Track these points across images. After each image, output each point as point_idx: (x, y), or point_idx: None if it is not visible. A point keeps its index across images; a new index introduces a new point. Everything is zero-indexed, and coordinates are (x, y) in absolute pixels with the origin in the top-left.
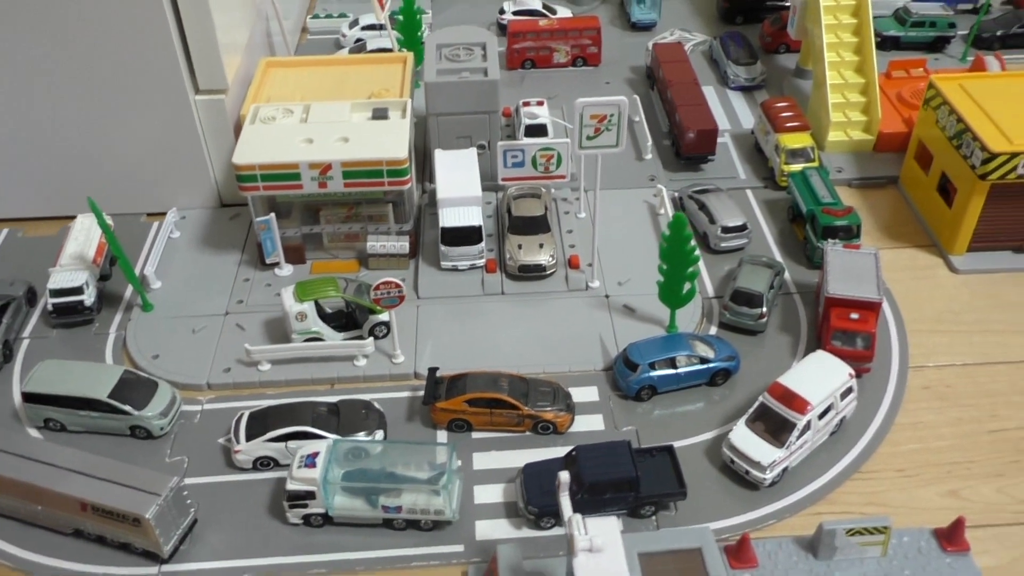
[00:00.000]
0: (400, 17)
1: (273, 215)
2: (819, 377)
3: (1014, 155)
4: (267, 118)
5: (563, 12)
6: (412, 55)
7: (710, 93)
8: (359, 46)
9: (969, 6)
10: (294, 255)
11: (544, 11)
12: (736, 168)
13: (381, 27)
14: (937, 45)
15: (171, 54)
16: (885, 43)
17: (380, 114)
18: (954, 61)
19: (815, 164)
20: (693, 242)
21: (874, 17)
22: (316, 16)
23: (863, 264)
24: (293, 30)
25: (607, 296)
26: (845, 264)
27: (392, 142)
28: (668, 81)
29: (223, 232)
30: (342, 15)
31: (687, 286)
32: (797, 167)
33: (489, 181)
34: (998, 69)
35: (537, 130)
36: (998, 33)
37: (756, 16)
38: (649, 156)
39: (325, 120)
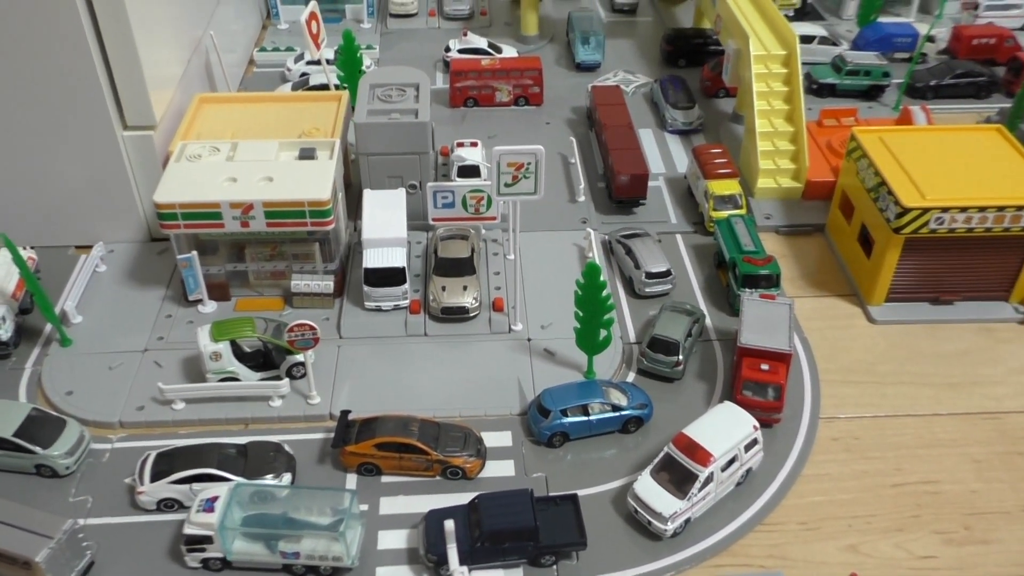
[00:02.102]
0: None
1: (195, 253)
2: (724, 429)
3: (926, 210)
4: (193, 156)
5: (509, 51)
6: (347, 93)
7: (648, 136)
8: (303, 80)
9: (906, 55)
10: (218, 292)
11: (489, 50)
12: (668, 212)
13: (330, 61)
14: (872, 93)
15: (97, 91)
16: (821, 90)
17: (307, 154)
18: (887, 110)
19: (743, 211)
20: (607, 291)
21: (812, 64)
22: (263, 49)
23: (777, 315)
24: (240, 62)
25: (529, 340)
26: (760, 314)
27: (316, 183)
28: (603, 124)
29: (150, 267)
30: (289, 48)
31: (603, 333)
32: (724, 213)
33: (420, 220)
34: (924, 121)
35: (469, 171)
36: (931, 83)
37: (698, 60)
38: (582, 198)
39: (251, 159)
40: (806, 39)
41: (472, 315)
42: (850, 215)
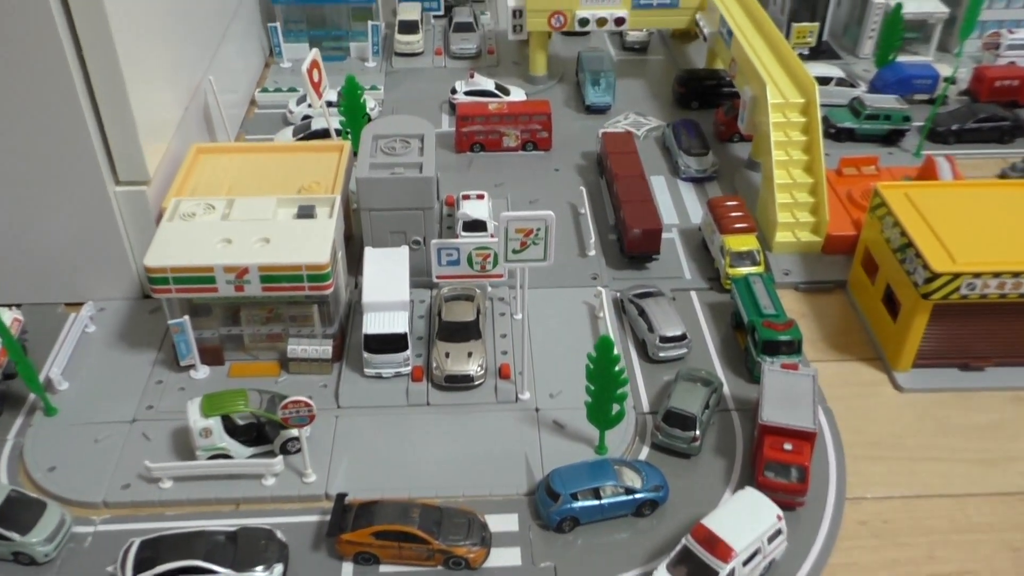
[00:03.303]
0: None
1: (187, 318)
2: (746, 519)
3: (957, 276)
4: (187, 214)
5: (517, 92)
6: (349, 145)
7: (660, 184)
8: (305, 124)
9: (926, 96)
10: (212, 356)
11: (497, 91)
12: (682, 267)
13: (328, 104)
14: (892, 138)
15: (88, 145)
16: (840, 135)
17: (306, 212)
18: (908, 156)
19: (760, 268)
20: (621, 364)
21: (829, 107)
22: (265, 90)
23: (801, 387)
24: (241, 103)
25: (537, 409)
26: (782, 386)
27: (315, 244)
28: (615, 174)
29: (141, 327)
30: (291, 89)
31: (616, 408)
32: (742, 271)
33: (424, 277)
34: (949, 172)
35: (475, 225)
36: (953, 127)
37: (712, 102)
38: (592, 252)
39: (248, 217)
40: (823, 80)
41: (477, 383)
42: (874, 273)
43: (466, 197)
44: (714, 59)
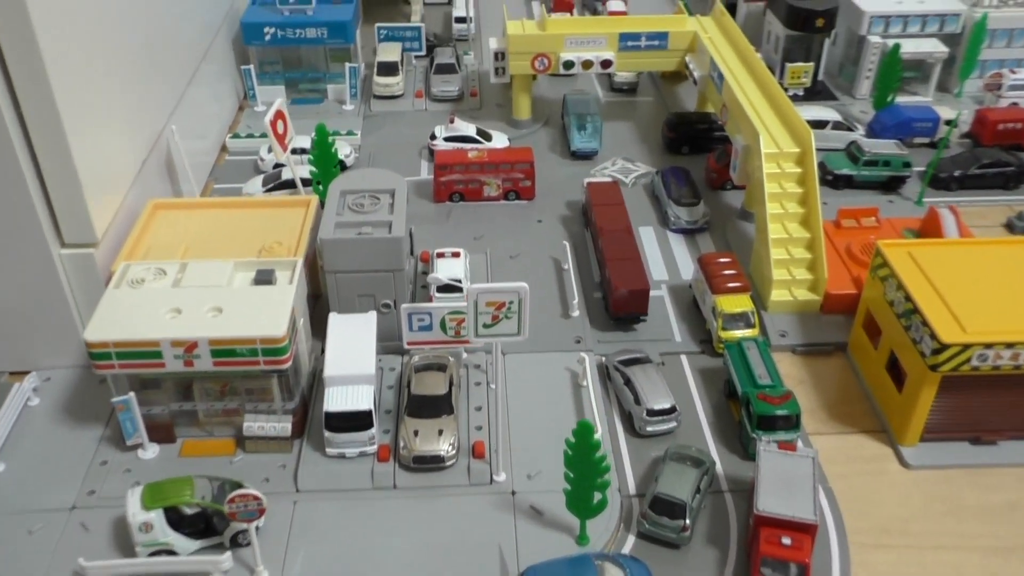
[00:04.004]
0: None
1: (132, 395)
2: None
3: (967, 347)
4: (135, 280)
5: (499, 137)
6: (316, 199)
7: (648, 235)
8: (276, 173)
9: (926, 140)
10: (162, 433)
11: (478, 137)
12: (672, 328)
13: (301, 151)
14: (892, 185)
15: (28, 204)
16: (837, 182)
17: (264, 277)
18: (910, 205)
19: (755, 332)
20: (603, 450)
21: (825, 152)
22: (236, 136)
23: (800, 471)
24: (211, 150)
25: (513, 492)
26: (779, 470)
27: (271, 315)
28: (600, 228)
29: (88, 398)
30: (264, 135)
31: (597, 496)
32: (736, 334)
33: (395, 341)
34: (954, 226)
35: (449, 287)
36: (955, 173)
37: (703, 147)
38: (576, 313)
39: (201, 283)
40: (819, 124)
41: (448, 464)
42: (876, 337)
43: (440, 255)
44: (704, 103)
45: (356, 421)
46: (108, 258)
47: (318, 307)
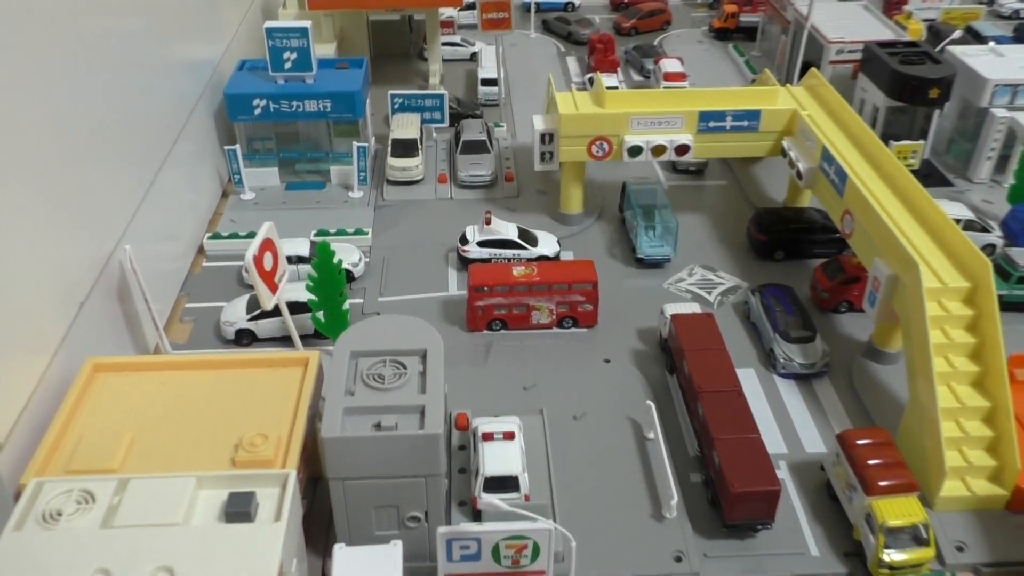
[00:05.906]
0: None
1: None
2: None
3: None
4: (50, 513)
5: (546, 239)
6: (315, 357)
7: (751, 382)
8: None
9: None
10: None
11: (520, 242)
12: (804, 537)
13: (300, 260)
14: None
15: None
16: None
17: (239, 507)
18: None
19: (930, 552)
20: None
21: None
22: (216, 236)
23: None
24: (184, 253)
25: None
26: None
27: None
28: (699, 389)
29: None
30: (250, 235)
31: None
32: (904, 557)
33: (425, 562)
34: None
35: (502, 482)
36: None
37: (803, 251)
38: (673, 514)
39: (145, 519)
40: None
41: None
42: None
43: (488, 437)
44: (796, 195)
45: None
46: (15, 464)
47: (318, 494)
